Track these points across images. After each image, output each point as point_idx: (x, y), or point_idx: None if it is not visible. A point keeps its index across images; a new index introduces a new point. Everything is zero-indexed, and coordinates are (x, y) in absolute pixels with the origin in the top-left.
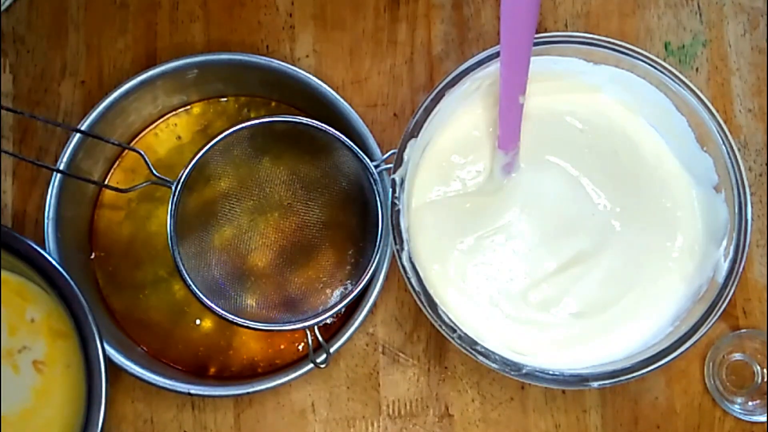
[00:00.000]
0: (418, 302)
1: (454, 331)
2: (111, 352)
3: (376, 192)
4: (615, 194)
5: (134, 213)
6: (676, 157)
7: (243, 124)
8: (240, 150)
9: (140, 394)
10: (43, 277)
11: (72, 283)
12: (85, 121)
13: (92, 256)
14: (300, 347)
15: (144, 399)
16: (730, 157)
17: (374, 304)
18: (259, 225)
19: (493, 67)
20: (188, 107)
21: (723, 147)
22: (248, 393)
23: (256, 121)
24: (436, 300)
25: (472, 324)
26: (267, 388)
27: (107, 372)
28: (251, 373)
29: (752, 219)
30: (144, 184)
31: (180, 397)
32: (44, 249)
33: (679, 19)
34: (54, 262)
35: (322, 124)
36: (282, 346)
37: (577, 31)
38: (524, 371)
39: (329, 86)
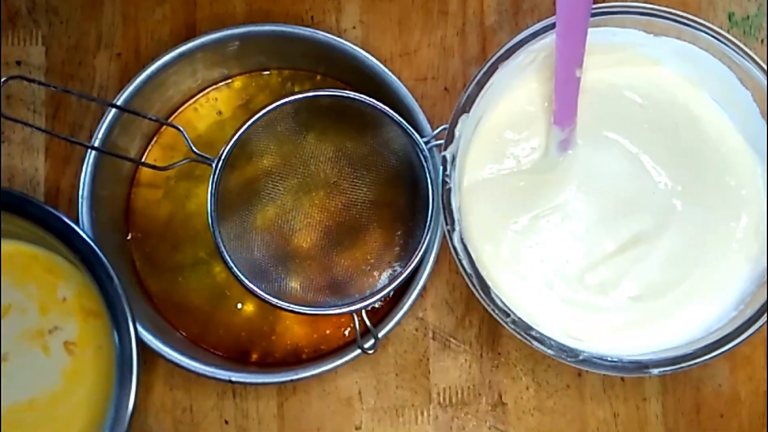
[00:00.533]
0: (470, 285)
1: (508, 315)
2: (148, 337)
3: (426, 170)
4: (676, 172)
5: (173, 192)
6: (740, 133)
7: (287, 99)
8: (284, 126)
9: (179, 381)
10: (75, 253)
11: (104, 259)
12: (121, 96)
13: (129, 237)
14: (346, 332)
15: (183, 387)
16: None
17: (424, 288)
18: (303, 204)
19: (549, 39)
20: (229, 81)
21: None
22: (292, 380)
23: (301, 96)
24: (489, 283)
25: (527, 308)
26: (312, 376)
27: (139, 354)
28: (295, 359)
29: None
30: (183, 162)
31: (220, 384)
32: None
33: None
34: (85, 237)
35: (370, 99)
36: (327, 332)
37: (637, 2)
38: (581, 357)
39: (377, 59)
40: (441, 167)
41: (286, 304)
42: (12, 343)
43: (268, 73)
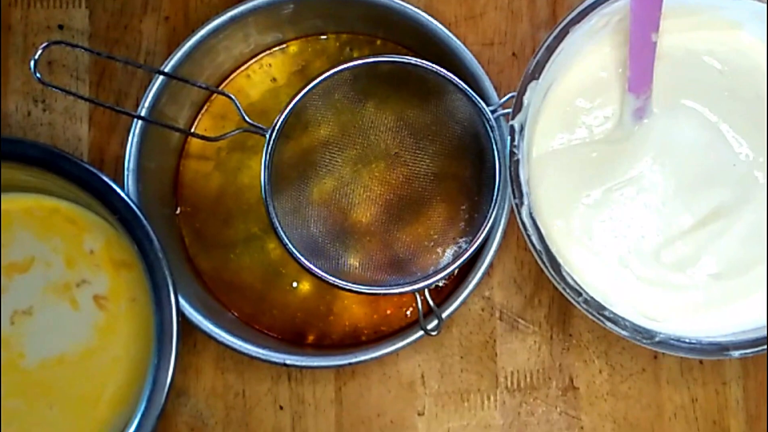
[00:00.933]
0: (540, 262)
1: (580, 294)
2: (198, 318)
3: (492, 140)
4: (758, 142)
5: (224, 164)
6: None
7: (345, 65)
8: (341, 93)
9: (230, 364)
10: (99, 200)
11: (131, 203)
12: (169, 62)
13: (177, 212)
14: (408, 313)
15: (235, 370)
16: None
17: (490, 265)
18: (362, 177)
19: (623, 2)
20: (284, 46)
21: None
22: (351, 364)
23: (360, 62)
24: (560, 260)
25: (600, 286)
26: (371, 358)
27: (177, 303)
28: (354, 341)
29: None
30: (235, 132)
31: (275, 368)
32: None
33: None
34: (107, 179)
35: (433, 65)
36: (388, 312)
37: None
38: (657, 339)
39: (440, 22)
40: (508, 137)
41: (345, 283)
42: (37, 298)
43: (324, 37)
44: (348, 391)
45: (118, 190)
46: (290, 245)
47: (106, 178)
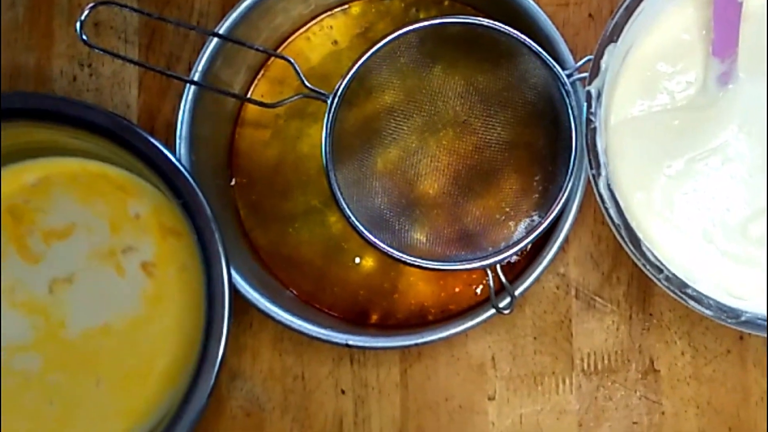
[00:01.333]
0: (618, 237)
1: (661, 271)
2: (255, 296)
3: (568, 106)
4: None
5: (282, 132)
6: None
7: (410, 27)
8: (407, 57)
9: (289, 345)
10: (146, 163)
11: (181, 168)
12: (223, 24)
13: (232, 183)
14: (478, 290)
15: (294, 351)
16: None
17: (566, 240)
18: (429, 145)
19: None
20: (346, 7)
21: None
22: (417, 344)
23: (426, 23)
24: (639, 234)
25: (682, 263)
26: (439, 339)
27: (229, 272)
28: (420, 320)
29: None
30: (294, 98)
31: (336, 349)
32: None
33: None
34: (154, 141)
35: (505, 26)
36: (457, 289)
37: None
38: (743, 318)
39: None
40: (585, 104)
41: (411, 258)
42: (79, 265)
43: None
44: (414, 373)
45: (168, 155)
46: (353, 218)
47: (156, 142)
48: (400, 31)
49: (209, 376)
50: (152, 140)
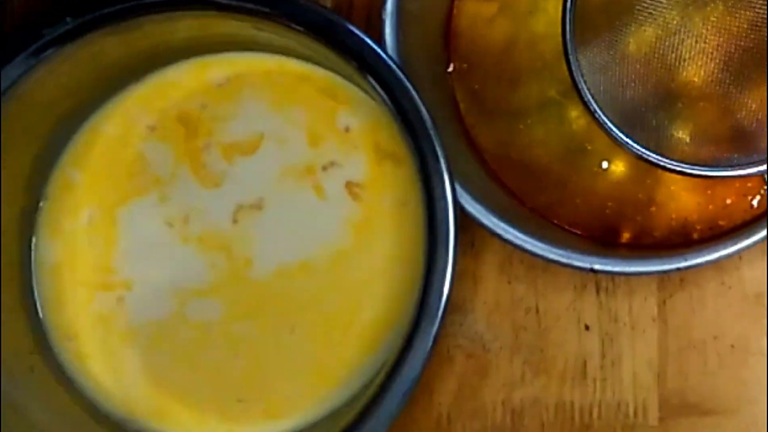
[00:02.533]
0: None
1: None
2: (477, 208)
3: None
4: None
5: (511, 6)
6: None
7: None
8: None
9: (520, 270)
10: (369, 75)
11: (410, 87)
12: None
13: (450, 69)
14: (755, 202)
15: (526, 278)
16: None
17: None
18: (694, 22)
19: None
20: None
21: None
22: (678, 269)
23: None
24: None
25: None
26: (706, 262)
27: (454, 195)
28: (683, 239)
29: None
30: None
31: (578, 275)
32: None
33: None
34: (380, 52)
35: None
36: (728, 201)
37: None
38: None
39: None
40: None
41: (671, 162)
42: (269, 186)
43: None
44: (674, 305)
45: (380, 52)
46: (599, 112)
47: (357, 31)
48: None
49: (432, 324)
50: (349, 25)
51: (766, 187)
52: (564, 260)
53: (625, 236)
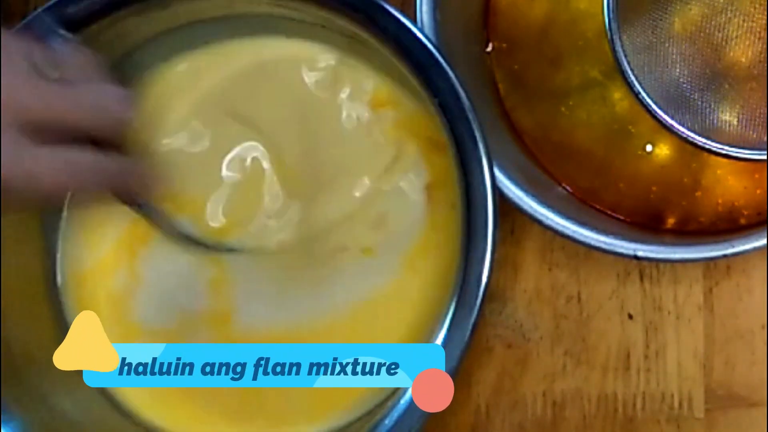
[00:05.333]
0: None
1: None
2: (517, 194)
3: None
4: None
5: None
6: None
7: None
8: None
9: (561, 257)
10: (404, 56)
11: (447, 68)
12: None
13: (488, 49)
14: None
15: (567, 265)
16: None
17: None
18: (741, 0)
19: None
20: None
21: None
22: (725, 256)
23: None
24: None
25: None
26: (754, 249)
27: (493, 179)
28: (730, 225)
29: None
30: None
31: (622, 262)
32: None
33: None
34: (415, 31)
35: None
36: None
37: None
38: None
39: None
40: None
41: (717, 145)
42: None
43: None
44: (721, 293)
45: (405, 21)
46: (643, 94)
47: (400, 15)
48: None
49: (469, 315)
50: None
51: None
52: (607, 247)
53: (670, 222)
